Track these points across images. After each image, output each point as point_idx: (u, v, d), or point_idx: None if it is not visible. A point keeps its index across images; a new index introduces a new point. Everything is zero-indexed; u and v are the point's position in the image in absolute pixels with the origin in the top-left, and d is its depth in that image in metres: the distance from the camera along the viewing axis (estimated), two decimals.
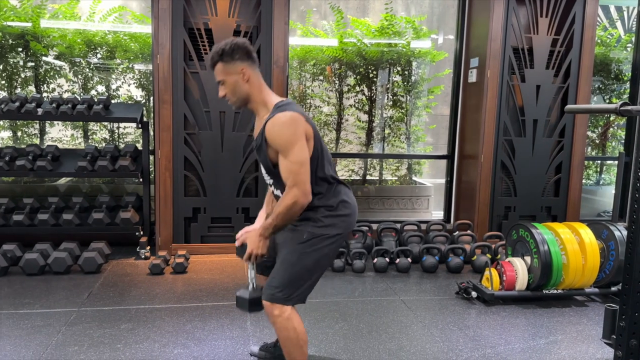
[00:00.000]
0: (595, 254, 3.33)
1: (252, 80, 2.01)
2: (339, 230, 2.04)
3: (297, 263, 2.00)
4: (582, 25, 4.64)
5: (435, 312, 3.22)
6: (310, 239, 2.00)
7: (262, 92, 2.04)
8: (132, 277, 3.70)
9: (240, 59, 1.99)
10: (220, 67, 2.00)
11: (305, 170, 1.91)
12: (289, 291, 2.00)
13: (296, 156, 1.90)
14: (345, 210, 2.06)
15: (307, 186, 1.91)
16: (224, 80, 2.01)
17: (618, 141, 5.90)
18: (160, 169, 4.17)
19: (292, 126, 1.91)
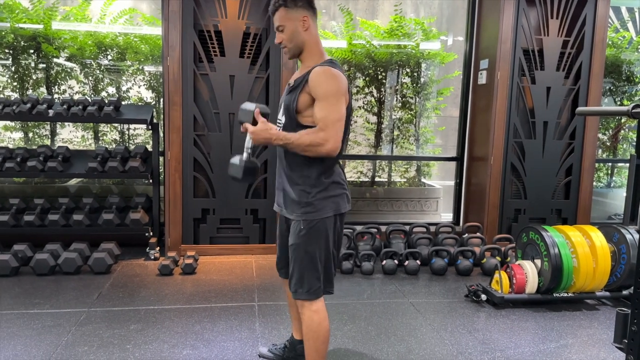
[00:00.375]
0: (606, 257, 3.30)
1: (311, 30, 2.02)
2: (331, 212, 2.03)
3: (304, 257, 2.02)
4: (593, 27, 4.61)
5: (445, 315, 3.21)
6: (306, 228, 2.00)
7: (318, 44, 2.05)
8: (141, 278, 3.72)
9: (303, 6, 1.99)
10: (282, 13, 1.99)
11: (340, 126, 1.92)
12: (307, 285, 2.03)
13: (337, 109, 1.91)
14: (336, 191, 2.05)
15: (338, 139, 1.91)
16: (283, 27, 2.00)
17: (629, 143, 5.85)
18: (170, 170, 4.19)
19: (339, 83, 1.93)
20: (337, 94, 1.92)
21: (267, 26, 4.22)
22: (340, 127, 1.91)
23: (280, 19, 2.00)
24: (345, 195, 2.10)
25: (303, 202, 2.01)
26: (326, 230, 2.04)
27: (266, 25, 4.22)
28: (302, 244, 2.02)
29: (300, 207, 2.02)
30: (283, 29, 2.00)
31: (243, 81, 4.22)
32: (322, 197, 2.02)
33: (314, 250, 2.03)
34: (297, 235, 2.03)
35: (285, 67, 4.22)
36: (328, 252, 2.08)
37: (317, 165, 2.00)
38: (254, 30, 4.20)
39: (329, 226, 2.05)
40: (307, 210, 2.01)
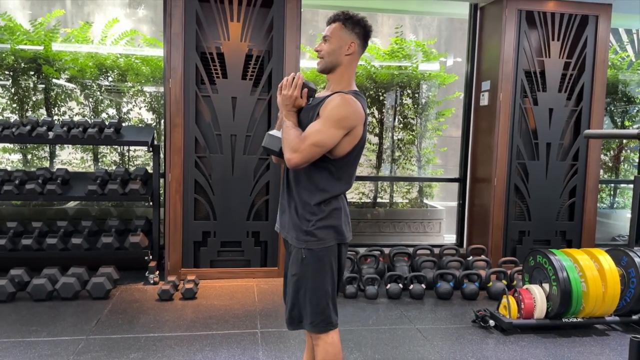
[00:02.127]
0: (616, 281, 3.24)
1: (352, 58, 2.00)
2: (334, 241, 1.97)
3: (308, 288, 1.95)
4: (594, 49, 4.63)
5: (453, 342, 3.14)
6: (309, 257, 1.94)
7: (351, 73, 2.03)
8: (141, 303, 3.64)
9: (357, 34, 1.98)
10: (336, 26, 1.98)
11: (316, 152, 1.86)
12: (320, 317, 1.96)
13: (327, 134, 1.86)
14: (338, 219, 1.98)
15: (306, 158, 1.86)
16: (330, 38, 1.98)
17: (630, 164, 5.84)
18: (171, 192, 4.13)
19: (350, 113, 1.89)
20: (340, 122, 1.87)
21: (270, 48, 4.21)
22: (315, 152, 1.85)
23: (332, 31, 1.98)
24: (347, 223, 2.04)
25: (304, 230, 1.95)
26: (330, 260, 1.97)
27: (268, 47, 4.21)
28: (306, 275, 1.95)
29: (302, 234, 1.95)
30: (329, 40, 1.98)
31: (245, 103, 4.20)
32: (323, 225, 1.95)
33: (319, 282, 1.95)
34: (300, 265, 1.96)
35: None
36: (334, 282, 2.01)
37: (319, 194, 1.95)
38: (256, 53, 4.19)
39: (333, 255, 1.98)
40: (309, 239, 1.94)
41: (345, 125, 1.88)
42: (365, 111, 1.96)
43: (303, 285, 1.96)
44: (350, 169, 2.00)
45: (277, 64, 4.20)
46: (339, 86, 2.00)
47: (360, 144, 1.97)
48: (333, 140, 1.87)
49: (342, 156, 1.93)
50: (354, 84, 2.03)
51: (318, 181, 1.95)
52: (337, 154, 1.92)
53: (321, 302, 1.96)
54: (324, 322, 1.97)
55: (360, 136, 1.95)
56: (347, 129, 1.89)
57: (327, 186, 1.95)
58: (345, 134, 1.89)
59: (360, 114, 1.92)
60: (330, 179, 1.96)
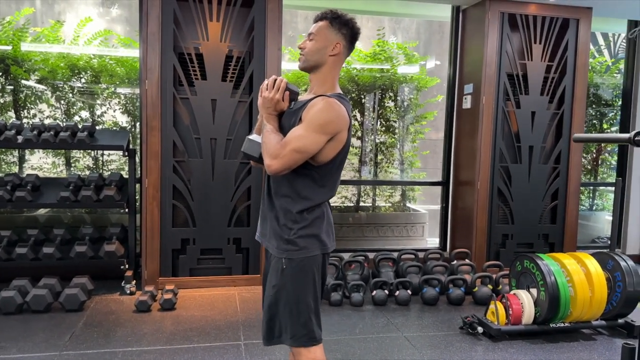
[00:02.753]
0: (602, 285, 3.23)
1: (336, 60, 1.91)
2: (317, 250, 1.87)
3: (288, 299, 1.84)
4: (575, 52, 4.64)
5: (442, 350, 3.07)
6: (290, 267, 1.84)
7: (334, 75, 1.94)
8: (117, 315, 3.47)
9: (344, 36, 1.89)
10: (323, 25, 1.89)
11: (297, 158, 1.76)
12: (303, 331, 1.85)
13: (310, 139, 1.76)
14: (320, 228, 1.88)
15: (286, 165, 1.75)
16: (315, 37, 1.88)
17: (607, 167, 5.89)
18: (148, 199, 3.98)
19: (332, 116, 1.79)
20: (323, 127, 1.76)
21: (250, 49, 4.09)
22: (296, 158, 1.75)
23: (317, 29, 1.89)
24: (330, 231, 1.94)
25: (285, 239, 1.84)
26: (312, 271, 1.87)
27: (249, 48, 4.10)
28: (286, 286, 1.84)
29: (283, 243, 1.85)
30: (314, 38, 1.88)
31: (225, 105, 4.07)
32: (305, 234, 1.84)
33: (300, 293, 1.85)
34: (280, 275, 1.85)
35: None
36: (316, 294, 1.90)
37: (302, 202, 1.84)
38: (236, 54, 4.07)
39: (315, 265, 1.87)
40: (290, 249, 1.84)
41: (328, 131, 1.78)
42: (349, 116, 1.87)
43: (283, 297, 1.85)
44: (335, 175, 1.90)
45: (259, 65, 4.08)
46: (321, 88, 1.90)
47: (345, 149, 1.88)
48: (316, 146, 1.77)
49: (326, 163, 1.83)
50: (337, 86, 1.94)
51: (300, 188, 1.85)
52: (321, 160, 1.82)
53: (302, 315, 1.85)
54: (307, 336, 1.85)
55: (344, 142, 1.85)
56: (330, 134, 1.79)
57: (310, 194, 1.85)
58: (328, 139, 1.79)
59: (344, 119, 1.82)
60: (314, 187, 1.86)
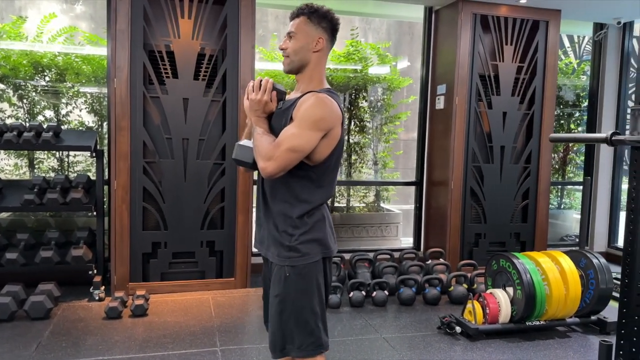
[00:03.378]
0: (576, 283, 3.28)
1: (321, 55, 1.85)
2: (319, 255, 1.81)
3: (292, 309, 1.78)
4: (545, 53, 4.72)
5: (421, 351, 3.05)
6: (293, 275, 1.78)
7: (321, 71, 1.88)
8: (86, 323, 3.33)
9: (325, 29, 1.84)
10: (301, 21, 1.82)
11: (293, 158, 1.70)
12: (310, 339, 1.79)
13: (304, 137, 1.70)
14: (322, 231, 1.83)
15: (282, 166, 1.70)
16: (295, 34, 1.82)
17: (574, 166, 6.02)
18: (117, 201, 3.84)
19: (326, 113, 1.74)
20: (317, 123, 1.71)
21: (223, 47, 4.01)
22: (291, 158, 1.69)
23: (296, 27, 1.82)
24: (332, 234, 1.88)
25: (286, 246, 1.78)
26: (316, 277, 1.81)
27: (222, 46, 4.01)
28: (291, 295, 1.78)
29: (284, 250, 1.78)
30: (294, 36, 1.82)
31: (197, 104, 3.97)
32: (307, 239, 1.79)
33: (305, 301, 1.79)
34: (283, 284, 1.78)
35: (244, 89, 4.00)
36: (322, 300, 1.84)
37: (301, 205, 1.79)
38: (209, 52, 3.97)
39: (318, 271, 1.82)
40: (292, 255, 1.77)
41: (322, 127, 1.73)
42: (342, 110, 1.82)
43: (288, 307, 1.78)
44: (332, 174, 1.85)
45: (232, 63, 4.00)
46: (309, 86, 1.84)
47: (339, 146, 1.82)
48: (310, 144, 1.72)
49: (322, 161, 1.78)
50: (325, 81, 1.88)
51: (298, 191, 1.79)
52: (316, 159, 1.77)
53: (309, 323, 1.79)
54: (314, 344, 1.80)
55: (338, 138, 1.80)
56: (324, 130, 1.74)
57: (309, 196, 1.79)
58: (322, 136, 1.74)
59: (337, 114, 1.77)
60: (311, 188, 1.80)
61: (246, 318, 3.53)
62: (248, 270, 4.14)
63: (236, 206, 4.08)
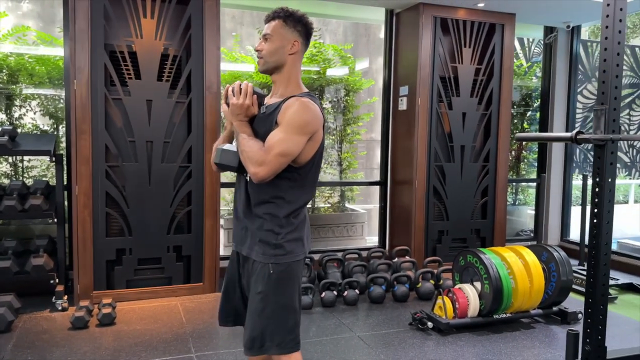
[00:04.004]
0: (540, 275, 3.42)
1: (296, 57, 1.88)
2: (301, 255, 1.87)
3: (275, 306, 1.81)
4: (501, 55, 4.90)
5: (396, 347, 3.11)
6: (277, 272, 1.80)
7: (297, 74, 1.91)
8: (51, 334, 3.19)
9: (299, 33, 1.86)
10: (277, 24, 1.84)
11: (282, 162, 1.73)
12: (290, 336, 1.82)
13: (292, 141, 1.73)
14: (303, 231, 1.89)
15: (272, 170, 1.73)
16: (271, 37, 1.84)
17: (527, 164, 6.28)
18: (79, 207, 3.70)
19: (311, 117, 1.77)
20: (303, 127, 1.75)
21: (188, 48, 3.93)
22: (281, 162, 1.73)
23: (272, 29, 1.84)
24: (309, 235, 1.94)
25: (272, 244, 1.81)
26: (297, 275, 1.87)
27: (186, 47, 3.93)
28: (274, 292, 1.80)
29: (270, 248, 1.81)
30: (270, 38, 1.84)
31: (162, 106, 3.88)
32: (292, 238, 1.83)
33: (287, 298, 1.82)
34: (267, 281, 1.80)
35: (209, 91, 3.95)
36: (300, 298, 1.90)
37: (287, 206, 1.82)
38: (172, 52, 3.89)
39: (299, 269, 1.87)
40: (278, 253, 1.80)
41: (308, 131, 1.77)
42: (323, 113, 1.86)
43: (270, 303, 1.80)
44: (314, 175, 1.90)
45: (197, 64, 3.93)
46: (287, 89, 1.88)
47: (321, 148, 1.87)
48: (298, 148, 1.75)
49: (305, 163, 1.81)
50: (302, 84, 1.92)
51: (283, 192, 1.81)
52: (301, 161, 1.80)
53: (290, 320, 1.83)
54: (293, 341, 1.84)
55: (321, 140, 1.84)
56: (309, 134, 1.77)
57: (293, 196, 1.83)
58: (307, 139, 1.77)
59: (320, 117, 1.82)
60: (295, 188, 1.83)
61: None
62: (217, 274, 4.08)
63: (203, 210, 4.01)
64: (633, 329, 3.49)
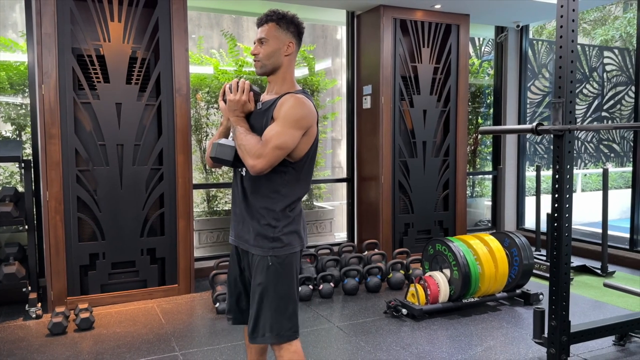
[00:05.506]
0: (504, 260, 3.65)
1: (291, 58, 1.97)
2: (298, 247, 1.97)
3: (274, 296, 1.90)
4: (457, 55, 5.15)
5: (374, 335, 3.25)
6: (275, 264, 1.90)
7: (292, 73, 2.00)
8: (29, 342, 3.15)
9: (293, 34, 1.95)
10: (271, 27, 1.92)
11: (279, 154, 1.82)
12: (289, 325, 1.91)
13: (289, 135, 1.82)
14: (299, 224, 1.98)
15: (270, 163, 1.81)
16: (267, 40, 1.92)
17: (480, 158, 6.58)
18: (50, 213, 3.66)
19: (306, 112, 1.87)
20: (298, 122, 1.84)
21: (156, 51, 3.95)
22: (278, 155, 1.82)
23: (267, 33, 1.92)
24: (305, 228, 2.04)
25: (270, 237, 1.90)
26: (295, 266, 1.96)
27: (154, 50, 3.95)
28: (273, 283, 1.89)
29: (268, 242, 1.90)
30: (265, 42, 1.92)
31: (131, 109, 3.88)
32: (289, 231, 1.92)
33: (286, 288, 1.92)
34: (266, 272, 1.89)
35: (179, 93, 3.98)
36: (298, 288, 2.00)
37: (282, 199, 1.91)
38: (141, 55, 3.90)
39: (296, 261, 1.97)
40: (275, 246, 1.90)
41: (303, 125, 1.86)
42: (317, 110, 1.96)
43: (269, 294, 1.89)
44: (309, 169, 1.99)
45: (165, 67, 3.96)
46: (283, 87, 1.97)
47: (315, 142, 1.97)
48: (294, 142, 1.85)
49: (301, 158, 1.91)
50: (296, 83, 2.02)
51: (279, 186, 1.90)
52: (296, 156, 1.89)
53: (289, 309, 1.92)
54: (292, 329, 1.93)
55: (315, 135, 1.94)
56: (304, 128, 1.87)
57: (289, 190, 1.92)
58: (302, 134, 1.87)
59: (314, 113, 1.92)
60: (291, 182, 1.92)
61: (198, 322, 3.53)
62: (192, 275, 4.11)
63: (176, 211, 4.04)
64: (590, 306, 3.78)
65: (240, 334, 3.23)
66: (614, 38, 11.38)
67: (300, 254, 2.01)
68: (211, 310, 3.73)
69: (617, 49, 10.09)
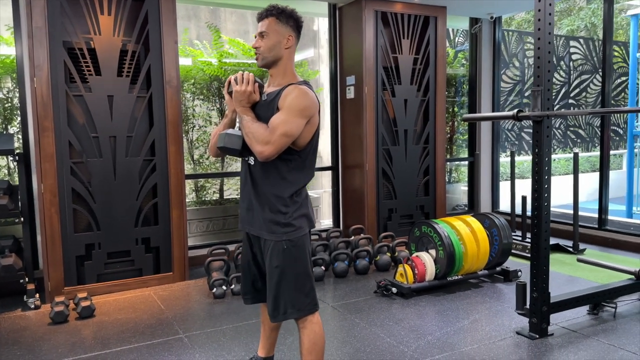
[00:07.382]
0: (485, 240, 3.88)
1: (291, 50, 2.09)
2: (307, 229, 2.11)
3: (292, 276, 2.05)
4: (435, 45, 5.34)
5: (367, 312, 3.44)
6: (290, 247, 2.04)
7: (292, 65, 2.12)
8: (32, 331, 3.22)
9: (292, 27, 2.06)
10: (271, 21, 2.03)
11: (286, 141, 1.95)
12: (308, 299, 2.06)
13: (294, 123, 1.95)
14: (307, 208, 2.12)
15: (277, 149, 1.94)
16: (267, 34, 2.03)
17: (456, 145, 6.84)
18: (45, 205, 3.70)
19: (309, 102, 1.99)
20: (303, 111, 1.98)
21: (146, 43, 4.01)
22: (285, 142, 1.94)
23: (267, 27, 2.04)
24: (312, 210, 2.18)
25: (282, 223, 2.03)
26: (307, 246, 2.11)
27: (145, 42, 4.01)
28: (289, 264, 2.04)
29: (280, 227, 2.04)
30: (266, 36, 2.04)
31: (123, 101, 3.94)
32: (298, 215, 2.06)
33: (302, 268, 2.07)
34: (282, 256, 2.04)
35: (169, 85, 4.06)
36: (311, 266, 2.14)
37: (290, 186, 2.04)
38: (131, 48, 3.95)
39: (307, 241, 2.12)
40: (288, 230, 2.04)
41: (306, 114, 2.00)
42: (318, 100, 2.10)
43: (287, 274, 2.04)
44: (313, 157, 2.13)
45: (156, 59, 4.02)
46: (284, 79, 2.09)
47: (318, 131, 2.11)
48: (299, 129, 1.98)
49: (304, 145, 2.05)
50: (297, 74, 2.15)
51: (286, 174, 2.04)
52: (300, 144, 2.03)
53: (306, 285, 2.07)
54: (312, 303, 2.09)
55: (317, 124, 2.08)
56: (308, 117, 2.01)
57: (296, 177, 2.06)
58: (306, 122, 2.01)
59: (316, 103, 2.06)
60: (297, 169, 2.06)
61: (197, 306, 3.65)
62: (186, 263, 4.22)
63: (169, 201, 4.13)
64: (565, 281, 4.05)
65: (239, 316, 3.37)
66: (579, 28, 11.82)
67: (310, 234, 2.16)
68: (208, 295, 3.85)
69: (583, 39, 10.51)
